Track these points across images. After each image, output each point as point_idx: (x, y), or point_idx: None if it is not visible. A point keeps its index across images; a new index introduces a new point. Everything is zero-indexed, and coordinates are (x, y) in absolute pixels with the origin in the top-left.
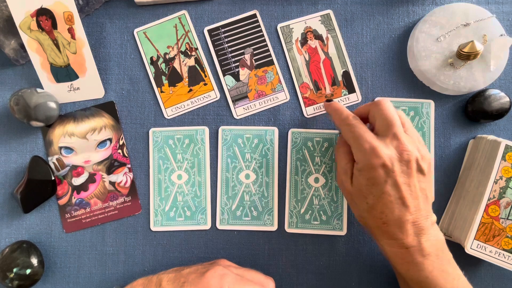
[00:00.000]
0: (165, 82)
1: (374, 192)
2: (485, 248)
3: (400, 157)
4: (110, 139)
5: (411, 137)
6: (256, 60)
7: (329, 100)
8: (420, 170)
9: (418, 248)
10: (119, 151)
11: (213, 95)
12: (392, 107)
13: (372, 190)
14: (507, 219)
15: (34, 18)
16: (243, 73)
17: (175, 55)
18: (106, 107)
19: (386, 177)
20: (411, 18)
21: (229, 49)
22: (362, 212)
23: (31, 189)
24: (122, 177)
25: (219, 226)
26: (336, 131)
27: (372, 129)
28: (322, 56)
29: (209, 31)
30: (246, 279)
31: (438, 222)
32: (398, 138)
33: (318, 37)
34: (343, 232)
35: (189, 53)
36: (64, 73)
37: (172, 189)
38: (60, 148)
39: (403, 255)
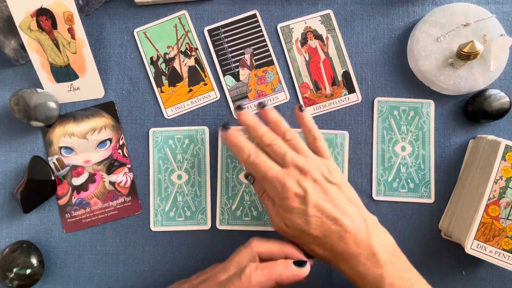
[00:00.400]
0: (165, 82)
1: (302, 224)
2: (485, 248)
3: (306, 179)
4: (110, 139)
5: (305, 155)
6: (256, 60)
7: (225, 127)
8: (329, 181)
9: (374, 260)
10: (119, 151)
11: (213, 95)
12: (276, 137)
13: (300, 222)
14: (507, 219)
15: (34, 18)
16: (243, 73)
17: (175, 55)
18: (106, 107)
19: (304, 205)
20: (411, 18)
21: (229, 49)
22: (312, 248)
23: (31, 189)
24: (122, 177)
25: (219, 226)
26: (338, 132)
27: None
28: (322, 56)
29: (209, 31)
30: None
31: (438, 222)
32: (295, 163)
33: (318, 37)
34: None
35: (189, 53)
36: (64, 73)
37: (172, 189)
38: (60, 148)
39: (363, 273)
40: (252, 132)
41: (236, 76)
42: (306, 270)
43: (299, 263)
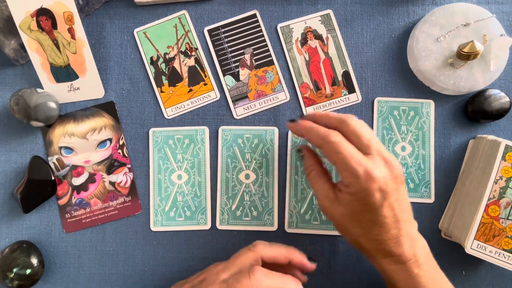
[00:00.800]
0: (165, 82)
1: (369, 216)
2: (485, 248)
3: (391, 175)
4: (110, 139)
5: (384, 148)
6: (256, 60)
7: (292, 120)
8: (403, 182)
9: (414, 260)
10: (119, 151)
11: (213, 95)
12: (361, 123)
13: (367, 214)
14: (507, 219)
15: (34, 18)
16: (243, 73)
17: (175, 55)
18: (106, 107)
19: (382, 200)
20: (411, 18)
21: (229, 49)
22: (355, 236)
23: (31, 189)
24: (122, 177)
25: (219, 226)
26: None
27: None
28: (322, 56)
29: (209, 31)
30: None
31: (438, 222)
32: (381, 154)
33: (318, 37)
34: None
35: (189, 53)
36: (64, 73)
37: (172, 189)
38: (60, 148)
39: (401, 270)
40: (324, 123)
41: (236, 76)
42: None
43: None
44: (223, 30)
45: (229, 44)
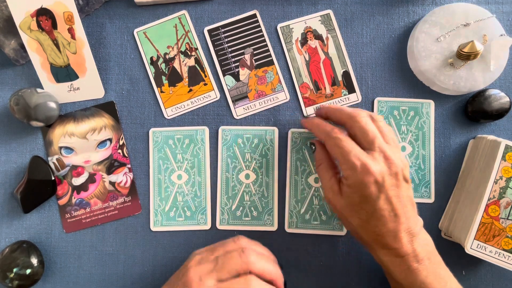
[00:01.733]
0: (165, 82)
1: (367, 208)
2: (485, 248)
3: (389, 171)
4: (110, 139)
5: (393, 147)
6: (256, 60)
7: (306, 116)
8: (406, 180)
9: (412, 255)
10: (119, 151)
11: (213, 95)
12: (369, 119)
13: (365, 206)
14: (507, 219)
15: (34, 18)
16: (243, 73)
17: (175, 55)
18: (106, 107)
19: (378, 193)
20: (411, 18)
21: (229, 49)
22: (355, 227)
23: (31, 189)
24: (122, 177)
25: (219, 226)
26: None
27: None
28: (322, 56)
29: (209, 31)
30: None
31: (438, 222)
32: (383, 151)
33: (318, 37)
34: (343, 232)
35: (189, 53)
36: (64, 73)
37: (172, 189)
38: (60, 148)
39: (399, 263)
40: (333, 119)
41: (236, 76)
42: None
43: None
44: (223, 30)
45: (229, 44)
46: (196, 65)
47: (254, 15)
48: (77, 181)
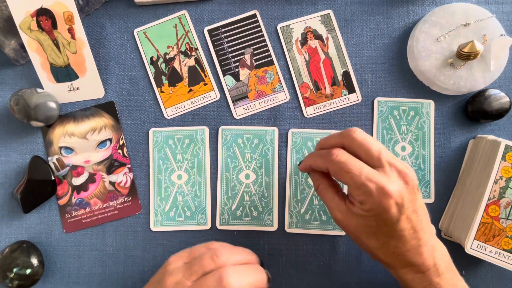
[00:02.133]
0: (165, 82)
1: (386, 231)
2: (485, 248)
3: (407, 187)
4: (110, 139)
5: (393, 155)
6: (256, 60)
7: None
8: (419, 190)
9: (434, 269)
10: (119, 151)
11: (213, 95)
12: (366, 134)
13: (383, 229)
14: (507, 219)
15: (34, 18)
16: (243, 73)
17: (175, 55)
18: (106, 107)
19: (399, 214)
20: (411, 18)
21: (229, 49)
22: (372, 249)
23: (31, 189)
24: (122, 177)
25: (219, 226)
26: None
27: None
28: (322, 56)
29: (209, 31)
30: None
31: (438, 222)
32: (393, 165)
33: (318, 37)
34: (343, 232)
35: (189, 53)
36: (64, 73)
37: (172, 189)
38: (60, 148)
39: (420, 279)
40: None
41: (236, 76)
42: None
43: None
44: (223, 30)
45: (229, 44)
46: (196, 65)
47: (254, 15)
48: (77, 181)
